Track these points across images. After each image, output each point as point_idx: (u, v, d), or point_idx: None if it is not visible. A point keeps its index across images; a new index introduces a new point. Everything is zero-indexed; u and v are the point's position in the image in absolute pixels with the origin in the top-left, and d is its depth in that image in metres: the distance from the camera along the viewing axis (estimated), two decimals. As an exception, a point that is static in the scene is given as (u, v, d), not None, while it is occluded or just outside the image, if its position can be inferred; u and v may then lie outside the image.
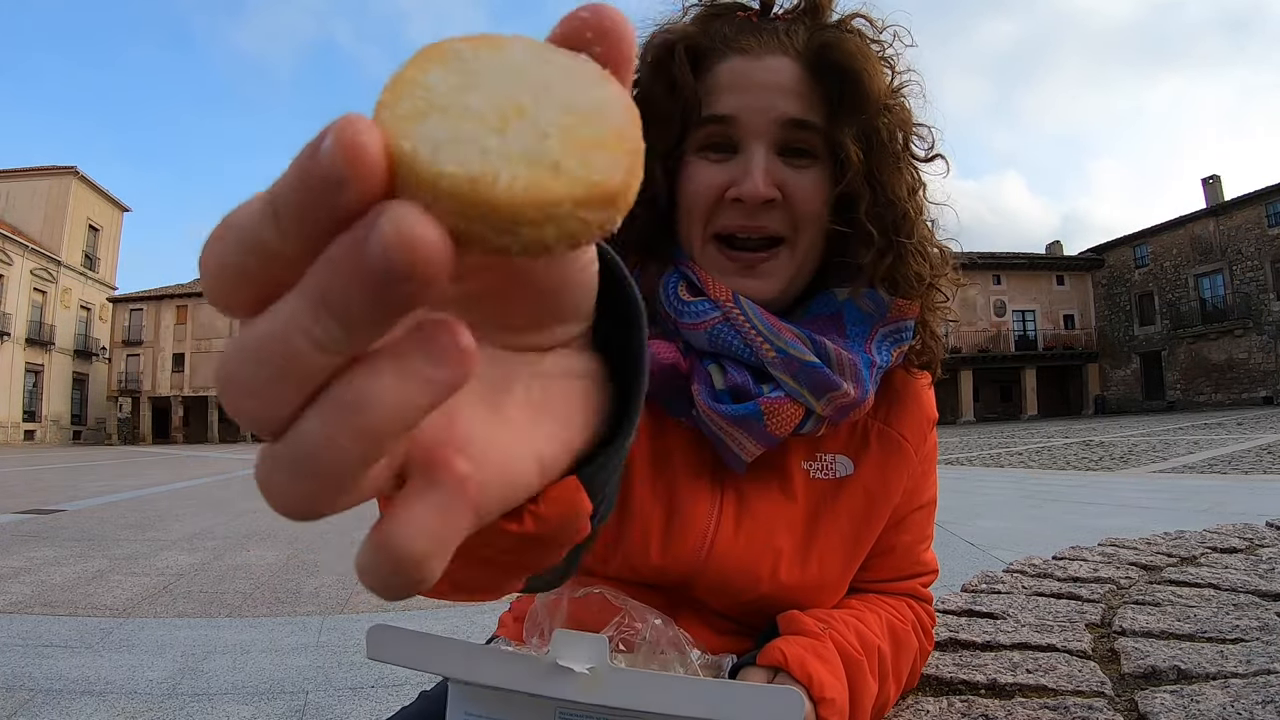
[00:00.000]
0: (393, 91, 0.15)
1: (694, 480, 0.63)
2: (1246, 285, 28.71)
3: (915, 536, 0.70)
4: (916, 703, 0.70)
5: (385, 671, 2.66)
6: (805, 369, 0.58)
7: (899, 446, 0.66)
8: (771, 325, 0.59)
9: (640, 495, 0.64)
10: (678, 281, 0.62)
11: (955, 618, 0.95)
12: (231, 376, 0.15)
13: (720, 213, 0.60)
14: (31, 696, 2.41)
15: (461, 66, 0.16)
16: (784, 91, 0.60)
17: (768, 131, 0.59)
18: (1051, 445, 14.29)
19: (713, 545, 0.61)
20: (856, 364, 0.59)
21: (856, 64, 0.59)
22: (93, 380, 40.48)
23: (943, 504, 0.77)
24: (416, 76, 0.15)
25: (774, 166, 0.59)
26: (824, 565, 0.63)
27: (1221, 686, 0.67)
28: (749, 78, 0.60)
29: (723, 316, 0.59)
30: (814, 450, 0.64)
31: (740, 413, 0.58)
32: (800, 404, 0.58)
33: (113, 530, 6.22)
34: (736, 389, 0.59)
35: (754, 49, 0.61)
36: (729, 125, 0.60)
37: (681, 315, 0.60)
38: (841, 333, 0.62)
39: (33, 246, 34.59)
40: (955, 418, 33.64)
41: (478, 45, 0.16)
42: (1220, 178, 31.43)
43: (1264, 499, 5.85)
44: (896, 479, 0.66)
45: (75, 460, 19.36)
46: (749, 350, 0.58)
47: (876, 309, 0.62)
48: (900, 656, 0.64)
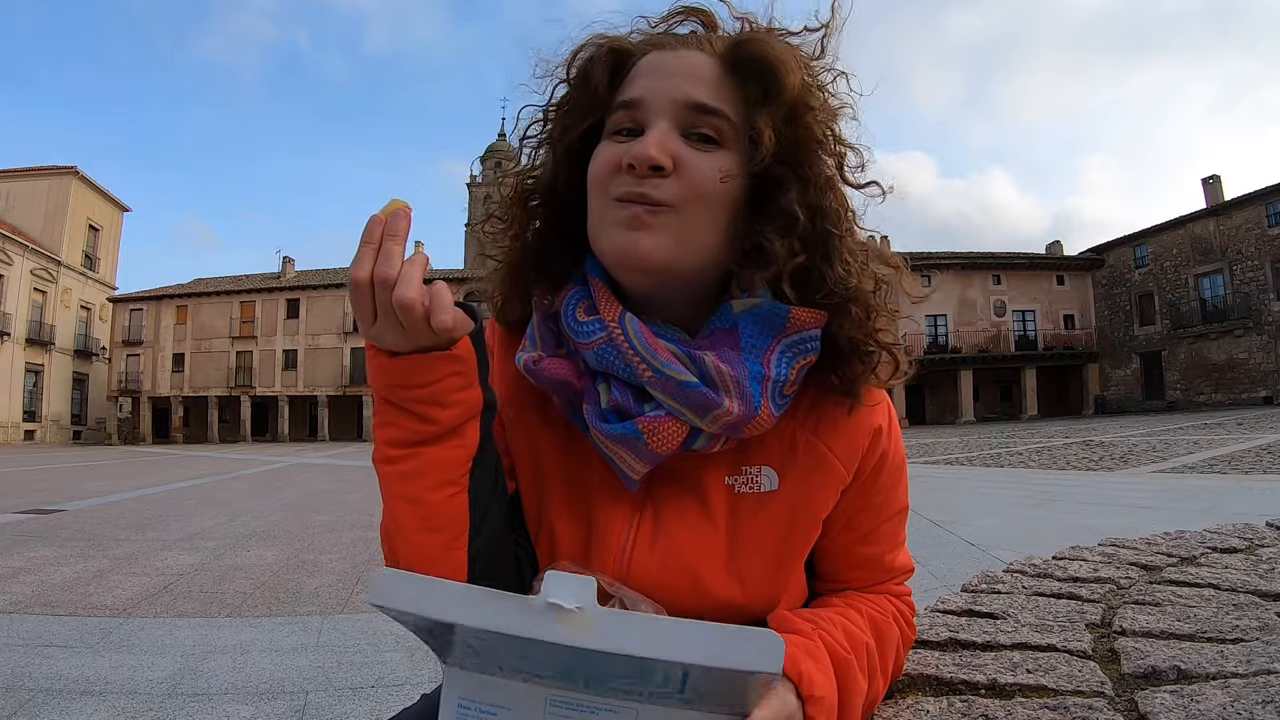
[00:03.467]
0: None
1: (613, 501, 0.65)
2: (1246, 285, 28.70)
3: (887, 547, 0.70)
4: (917, 703, 0.70)
5: (385, 671, 2.66)
6: (682, 388, 0.58)
7: (825, 461, 0.64)
8: (649, 344, 0.59)
9: (559, 516, 0.66)
10: (578, 301, 0.64)
11: (955, 618, 0.95)
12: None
13: (615, 180, 0.61)
14: (31, 696, 2.41)
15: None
16: (693, 78, 0.61)
17: (670, 110, 0.60)
18: (1051, 445, 14.29)
19: (629, 566, 0.63)
20: (740, 379, 0.59)
21: (772, 56, 0.60)
22: (93, 380, 40.49)
23: (943, 504, 0.77)
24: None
25: (670, 139, 0.60)
26: (747, 580, 0.63)
27: (1221, 686, 0.67)
28: (661, 66, 0.62)
29: (607, 337, 0.60)
30: (739, 463, 0.64)
31: (620, 431, 0.59)
32: (683, 422, 0.59)
33: (113, 530, 6.22)
34: (619, 408, 0.60)
35: (672, 44, 0.64)
36: (636, 109, 0.61)
37: (577, 335, 0.62)
38: (736, 346, 0.61)
39: (33, 246, 34.60)
40: (955, 418, 33.65)
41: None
42: (1220, 177, 31.39)
43: (1264, 499, 5.85)
44: (821, 494, 0.64)
45: (75, 460, 19.37)
46: (629, 370, 0.59)
47: (776, 320, 0.61)
48: (885, 649, 0.64)
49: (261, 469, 15.19)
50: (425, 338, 0.55)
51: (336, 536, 5.87)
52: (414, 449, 0.59)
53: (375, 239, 0.53)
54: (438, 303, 0.53)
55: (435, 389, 0.57)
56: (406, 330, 0.54)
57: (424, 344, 0.55)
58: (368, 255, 0.53)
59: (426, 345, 0.56)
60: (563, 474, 0.67)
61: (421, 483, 0.59)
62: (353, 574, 4.42)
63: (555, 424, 0.68)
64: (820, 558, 0.70)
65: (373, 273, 0.52)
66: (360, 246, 0.53)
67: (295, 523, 6.74)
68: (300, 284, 40.26)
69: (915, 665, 0.78)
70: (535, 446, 0.69)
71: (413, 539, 0.60)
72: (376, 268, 0.52)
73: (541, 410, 0.68)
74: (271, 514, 7.44)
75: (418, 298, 0.52)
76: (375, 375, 0.57)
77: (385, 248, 0.53)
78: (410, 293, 0.52)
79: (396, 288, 0.52)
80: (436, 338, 0.55)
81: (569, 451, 0.67)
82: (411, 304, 0.52)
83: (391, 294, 0.52)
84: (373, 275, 0.52)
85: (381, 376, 0.57)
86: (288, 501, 8.83)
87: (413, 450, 0.59)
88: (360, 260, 0.53)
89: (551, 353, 0.65)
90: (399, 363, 0.56)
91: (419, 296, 0.52)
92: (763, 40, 0.62)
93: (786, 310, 0.61)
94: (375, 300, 0.53)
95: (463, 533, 0.60)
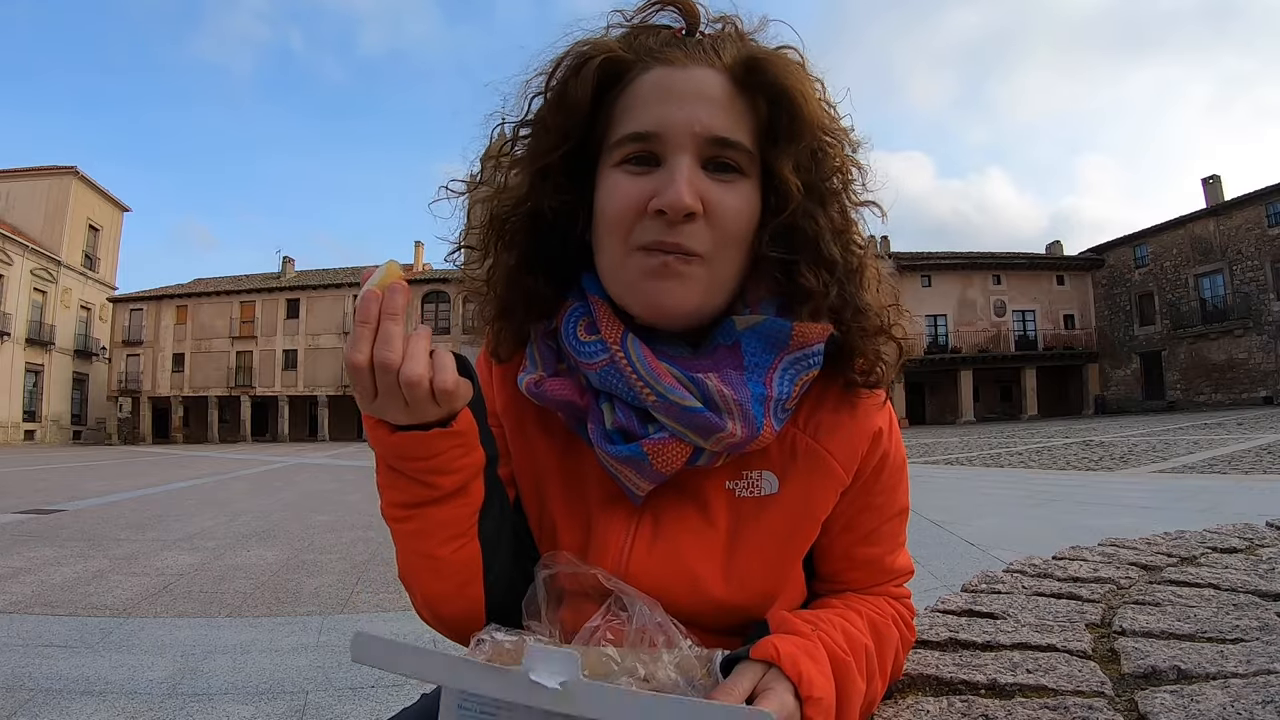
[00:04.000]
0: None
1: (611, 506, 0.64)
2: (1246, 285, 28.69)
3: (887, 548, 0.70)
4: (917, 703, 0.70)
5: (385, 672, 2.65)
6: (685, 413, 0.58)
7: (824, 463, 0.64)
8: (652, 369, 0.59)
9: (559, 520, 0.67)
10: (578, 319, 0.63)
11: (955, 618, 0.95)
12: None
13: (641, 226, 0.59)
14: (31, 696, 2.41)
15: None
16: (709, 103, 0.58)
17: (692, 144, 0.58)
18: (1051, 445, 14.29)
19: (628, 567, 0.63)
20: (742, 402, 0.58)
21: (790, 83, 0.59)
22: (93, 380, 40.49)
23: (943, 504, 0.77)
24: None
25: (697, 178, 0.58)
26: (746, 582, 0.63)
27: (1221, 686, 0.67)
28: (672, 89, 0.59)
29: (610, 359, 0.60)
30: (740, 469, 0.63)
31: (625, 454, 0.59)
32: (687, 443, 0.59)
33: (113, 530, 6.22)
34: (624, 430, 0.60)
35: (679, 60, 0.60)
36: (651, 141, 0.59)
37: (579, 354, 0.62)
38: (739, 365, 0.60)
39: (33, 246, 34.59)
40: (955, 418, 33.64)
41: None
42: (1220, 177, 31.39)
43: (1264, 499, 5.85)
44: (820, 496, 0.64)
45: (75, 460, 19.37)
46: (632, 394, 0.59)
47: (779, 337, 0.60)
48: (884, 650, 0.64)
49: (261, 469, 15.19)
50: (429, 411, 0.53)
51: (336, 536, 5.86)
52: (419, 509, 0.59)
53: (372, 318, 0.51)
54: (442, 374, 0.52)
55: (437, 461, 0.56)
56: (410, 405, 0.52)
57: (428, 418, 0.54)
58: (364, 336, 0.51)
59: (430, 419, 0.54)
60: (562, 479, 0.67)
61: (430, 540, 0.59)
62: (353, 574, 4.41)
63: (553, 432, 0.68)
64: (820, 559, 0.70)
65: (372, 356, 0.50)
66: (356, 326, 0.51)
67: (295, 523, 6.74)
68: (300, 284, 40.26)
69: (915, 665, 0.78)
70: (534, 454, 0.69)
71: (430, 586, 0.61)
72: (377, 351, 0.50)
73: (541, 422, 0.68)
74: (271, 514, 7.44)
75: (425, 374, 0.51)
76: (376, 445, 0.57)
77: (384, 330, 0.51)
78: (418, 370, 0.51)
79: (403, 366, 0.50)
80: (440, 409, 0.54)
81: (568, 457, 0.67)
82: (419, 381, 0.51)
83: (397, 375, 0.50)
84: (372, 359, 0.50)
85: (382, 448, 0.56)
86: (288, 501, 8.83)
87: (418, 511, 0.59)
88: (357, 342, 0.51)
89: (553, 371, 0.65)
90: (401, 439, 0.55)
91: (426, 373, 0.51)
92: (780, 62, 0.60)
93: (789, 327, 0.60)
94: (376, 380, 0.51)
95: (476, 575, 0.61)
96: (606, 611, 0.57)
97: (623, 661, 0.51)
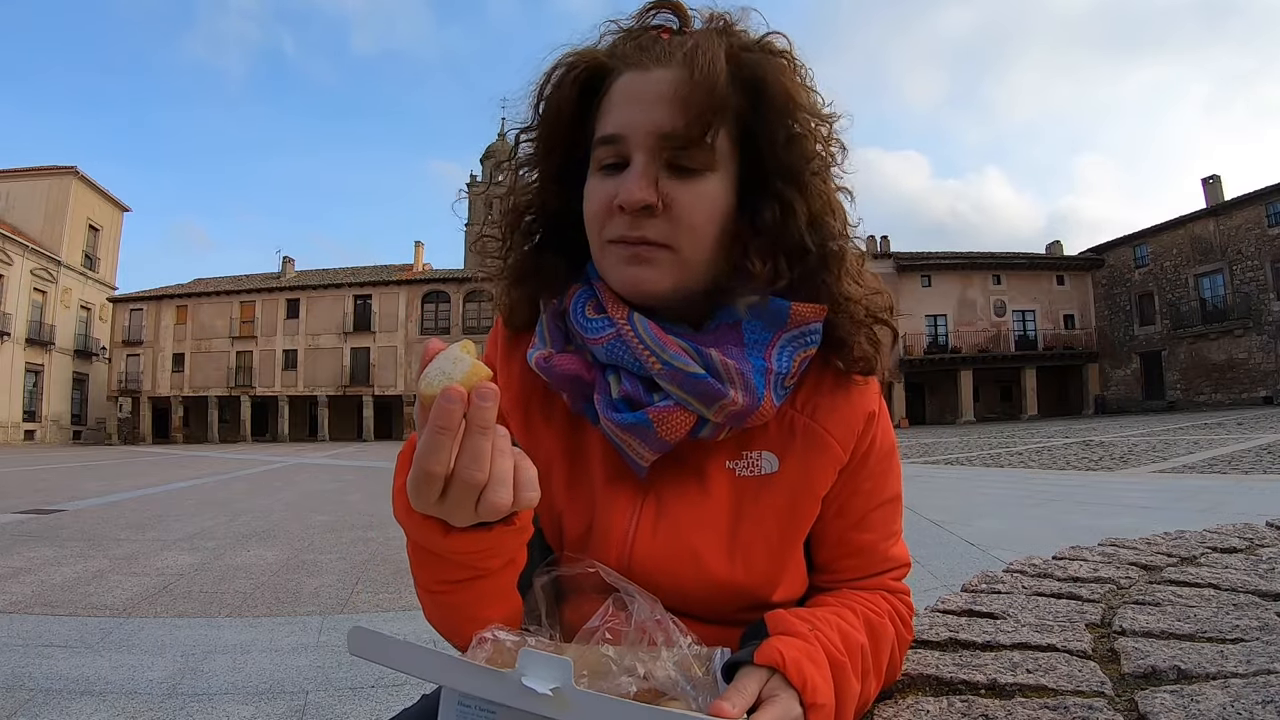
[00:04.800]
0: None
1: (615, 490, 0.66)
2: (1246, 285, 28.71)
3: (880, 534, 0.71)
4: (917, 703, 0.69)
5: (385, 671, 2.65)
6: (690, 379, 0.60)
7: (822, 440, 0.66)
8: (658, 339, 0.62)
9: (564, 508, 0.68)
10: (585, 300, 0.67)
11: (955, 618, 0.95)
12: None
13: (611, 222, 0.63)
14: (31, 696, 2.41)
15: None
16: (667, 104, 0.60)
17: (648, 144, 0.61)
18: (1051, 445, 14.29)
19: (633, 549, 0.64)
20: (745, 372, 0.61)
21: (760, 74, 0.62)
22: (93, 380, 40.50)
23: (943, 504, 0.77)
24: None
25: (654, 174, 0.61)
26: (749, 561, 0.64)
27: (1221, 686, 0.67)
28: (634, 93, 0.62)
29: (616, 333, 0.63)
30: (740, 449, 0.66)
31: (631, 420, 0.61)
32: (691, 411, 0.61)
33: (113, 530, 6.22)
34: (630, 398, 0.62)
35: (644, 64, 0.63)
36: (619, 144, 0.62)
37: (586, 331, 0.65)
38: (740, 342, 0.64)
39: (33, 246, 34.61)
40: (955, 418, 33.65)
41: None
42: (1220, 177, 31.38)
43: (1264, 499, 5.85)
44: (820, 474, 0.66)
45: (75, 460, 19.37)
46: (638, 363, 0.62)
47: (778, 316, 0.64)
48: (879, 649, 0.65)
49: (261, 469, 15.19)
50: (494, 516, 0.48)
51: (336, 536, 5.87)
52: (464, 584, 0.54)
53: (453, 426, 0.43)
54: (525, 493, 0.47)
55: (494, 550, 0.51)
56: (480, 513, 0.46)
57: (489, 520, 0.48)
58: (444, 446, 0.43)
59: (490, 521, 0.48)
60: (567, 464, 0.69)
61: (474, 607, 0.56)
62: (353, 574, 4.42)
63: (557, 421, 0.70)
64: (816, 546, 0.71)
65: (454, 471, 0.44)
66: (432, 433, 0.43)
67: (295, 523, 6.74)
68: (300, 284, 40.26)
69: (915, 665, 0.78)
70: (538, 443, 0.70)
71: (465, 632, 0.57)
72: (461, 469, 0.44)
73: (544, 409, 0.71)
74: (271, 514, 7.44)
75: (509, 498, 0.46)
76: (422, 539, 0.50)
77: (473, 446, 0.44)
78: (504, 497, 0.45)
79: (488, 490, 0.45)
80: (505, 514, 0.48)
81: (571, 445, 0.69)
82: (504, 508, 0.46)
83: (480, 495, 0.45)
84: (454, 473, 0.44)
85: (432, 544, 0.50)
86: (288, 501, 8.83)
87: (463, 585, 0.54)
88: (436, 452, 0.43)
89: (561, 348, 0.67)
90: (458, 541, 0.49)
91: (510, 495, 0.46)
92: (749, 56, 0.62)
93: (788, 306, 0.64)
94: (449, 490, 0.45)
95: (511, 608, 0.60)
96: (606, 610, 0.57)
97: (621, 661, 0.51)
